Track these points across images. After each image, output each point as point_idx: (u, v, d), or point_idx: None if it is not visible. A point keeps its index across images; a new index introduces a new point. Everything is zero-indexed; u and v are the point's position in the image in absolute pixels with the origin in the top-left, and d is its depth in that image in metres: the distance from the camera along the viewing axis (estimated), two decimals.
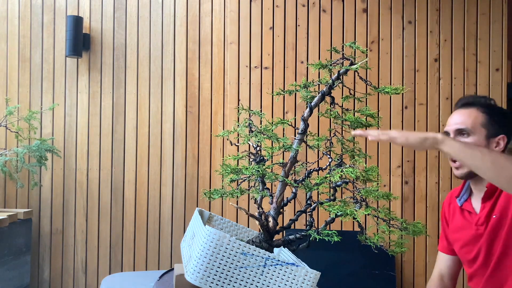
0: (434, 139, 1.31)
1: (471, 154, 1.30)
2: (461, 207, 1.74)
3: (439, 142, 1.31)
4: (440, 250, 1.88)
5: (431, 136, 1.32)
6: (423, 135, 1.32)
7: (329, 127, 1.54)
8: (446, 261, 1.85)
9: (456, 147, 1.32)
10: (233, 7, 3.08)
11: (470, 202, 1.72)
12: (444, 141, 1.31)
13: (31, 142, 3.06)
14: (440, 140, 1.31)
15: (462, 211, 1.74)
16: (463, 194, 1.75)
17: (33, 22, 3.22)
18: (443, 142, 1.31)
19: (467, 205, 1.72)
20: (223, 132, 1.48)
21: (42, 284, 3.17)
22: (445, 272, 1.85)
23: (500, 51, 3.00)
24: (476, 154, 1.30)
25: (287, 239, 1.40)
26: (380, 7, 3.04)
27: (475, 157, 1.30)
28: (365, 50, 1.44)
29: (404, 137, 1.31)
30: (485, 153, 1.31)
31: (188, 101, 3.16)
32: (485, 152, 1.31)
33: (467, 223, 1.70)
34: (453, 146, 1.31)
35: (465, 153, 1.31)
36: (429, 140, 1.31)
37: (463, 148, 1.32)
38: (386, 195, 1.31)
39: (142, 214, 3.16)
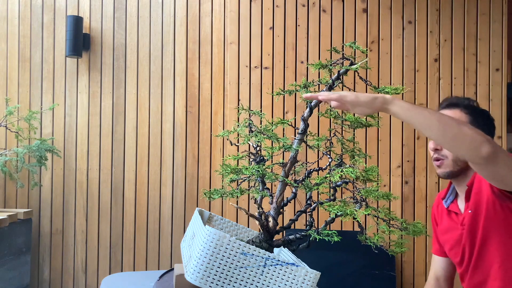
0: (383, 99, 1.29)
1: (419, 113, 1.29)
2: (448, 209, 1.76)
3: (388, 101, 1.29)
4: (434, 253, 1.90)
5: (381, 96, 1.30)
6: (372, 95, 1.30)
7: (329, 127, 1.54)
8: (441, 263, 1.86)
9: (405, 106, 1.30)
10: (233, 7, 3.08)
11: (456, 203, 1.74)
12: (393, 101, 1.29)
13: (31, 142, 3.06)
14: (389, 100, 1.29)
15: (449, 212, 1.75)
16: (449, 196, 1.77)
17: (33, 22, 3.22)
18: (392, 102, 1.29)
19: (453, 206, 1.74)
20: (223, 132, 1.48)
21: (42, 284, 3.17)
22: (440, 274, 1.86)
23: (500, 51, 3.00)
24: (423, 113, 1.29)
25: (287, 239, 1.40)
26: (380, 7, 3.04)
27: (422, 116, 1.29)
28: (365, 50, 1.44)
29: (355, 95, 1.29)
30: (432, 112, 1.30)
31: (188, 101, 3.16)
32: (432, 112, 1.30)
33: (454, 224, 1.72)
34: (401, 106, 1.29)
35: (412, 112, 1.29)
36: (378, 99, 1.29)
37: (410, 107, 1.30)
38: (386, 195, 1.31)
39: (142, 214, 3.16)
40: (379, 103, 1.29)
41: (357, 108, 1.31)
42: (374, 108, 1.30)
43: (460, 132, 1.26)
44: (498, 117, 2.98)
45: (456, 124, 1.28)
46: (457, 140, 1.27)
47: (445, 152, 1.66)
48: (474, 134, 1.26)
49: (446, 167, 1.66)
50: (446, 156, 1.66)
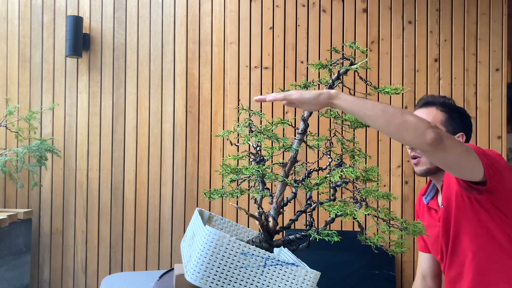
0: (327, 94, 1.30)
1: (363, 106, 1.29)
2: (428, 206, 1.77)
3: (332, 96, 1.29)
4: (420, 250, 1.91)
5: (325, 91, 1.30)
6: (317, 92, 1.30)
7: (329, 127, 1.54)
8: (426, 260, 1.87)
9: (349, 100, 1.30)
10: (233, 7, 3.08)
11: (436, 200, 1.75)
12: (337, 96, 1.30)
13: (31, 142, 3.06)
14: (334, 95, 1.30)
15: (429, 209, 1.76)
16: (429, 193, 1.78)
17: (33, 22, 3.22)
18: (336, 97, 1.30)
19: (433, 203, 1.75)
20: (223, 132, 1.48)
21: (42, 284, 3.17)
22: (426, 272, 1.87)
23: (500, 51, 3.00)
24: (367, 105, 1.29)
25: (287, 239, 1.40)
26: (380, 7, 3.04)
27: (366, 108, 1.29)
28: (365, 50, 1.44)
29: (299, 93, 1.30)
30: (377, 104, 1.31)
31: (188, 101, 3.16)
32: (376, 103, 1.31)
33: (433, 221, 1.73)
34: (345, 100, 1.30)
35: (357, 104, 1.30)
36: (323, 95, 1.29)
37: (355, 100, 1.30)
38: (386, 195, 1.31)
39: (142, 214, 3.16)
40: (324, 99, 1.30)
41: (304, 105, 1.32)
42: (319, 104, 1.31)
43: (404, 121, 1.27)
44: (498, 117, 2.98)
45: (400, 113, 1.29)
46: (401, 128, 1.28)
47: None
48: (417, 121, 1.28)
49: (423, 164, 1.68)
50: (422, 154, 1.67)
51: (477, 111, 2.99)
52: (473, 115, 2.98)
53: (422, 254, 1.89)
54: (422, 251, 1.89)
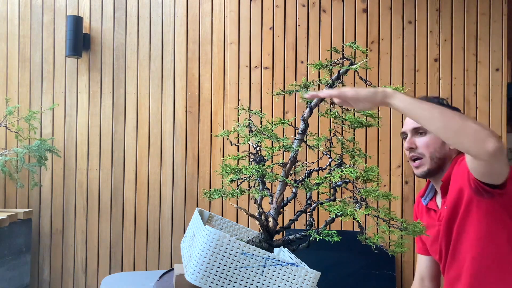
0: (383, 93, 1.27)
1: (420, 106, 1.27)
2: (427, 207, 1.77)
3: (388, 95, 1.27)
4: (418, 252, 1.91)
5: (381, 90, 1.28)
6: (373, 89, 1.28)
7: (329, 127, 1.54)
8: (424, 262, 1.87)
9: (406, 100, 1.28)
10: (233, 7, 3.08)
11: (435, 201, 1.76)
12: (394, 95, 1.27)
13: (31, 142, 3.06)
14: (390, 94, 1.28)
15: (428, 210, 1.77)
16: (428, 194, 1.79)
17: (33, 22, 3.22)
18: (393, 96, 1.27)
19: (432, 203, 1.76)
20: (223, 132, 1.48)
21: (42, 284, 3.17)
22: (425, 274, 1.87)
23: (500, 51, 3.00)
24: (424, 106, 1.27)
25: (287, 239, 1.40)
26: (380, 7, 3.04)
27: (423, 109, 1.27)
28: (365, 50, 1.44)
29: (355, 91, 1.28)
30: (434, 106, 1.28)
31: (188, 101, 3.16)
32: (433, 105, 1.29)
33: (432, 221, 1.73)
34: (403, 100, 1.27)
35: (413, 105, 1.27)
36: (379, 93, 1.27)
37: (412, 101, 1.28)
38: (386, 195, 1.31)
39: (142, 214, 3.16)
40: (380, 97, 1.28)
41: (358, 103, 1.29)
42: (375, 102, 1.29)
43: (464, 126, 1.23)
44: (498, 117, 2.98)
45: (460, 117, 1.26)
46: (460, 133, 1.24)
47: (421, 150, 1.67)
48: (479, 128, 1.23)
49: (424, 166, 1.68)
50: (423, 154, 1.67)
51: (477, 111, 2.99)
52: (473, 115, 2.98)
53: (421, 256, 1.89)
54: (420, 253, 1.90)
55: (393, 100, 1.27)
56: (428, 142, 1.67)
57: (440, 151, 1.67)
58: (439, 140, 1.65)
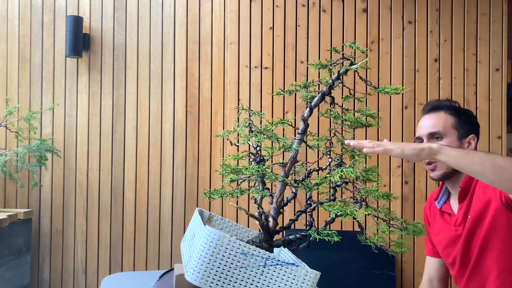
0: (429, 149, 1.30)
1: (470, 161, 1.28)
2: (441, 210, 1.76)
3: (435, 152, 1.30)
4: (427, 254, 1.90)
5: (427, 147, 1.30)
6: (418, 146, 1.31)
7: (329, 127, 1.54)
8: (434, 264, 1.86)
9: (453, 155, 1.29)
10: (233, 7, 3.08)
11: (449, 204, 1.74)
12: (440, 151, 1.30)
13: (31, 142, 3.06)
14: (436, 150, 1.30)
15: (442, 213, 1.75)
16: (442, 196, 1.77)
17: (33, 22, 3.22)
18: (439, 152, 1.30)
19: (446, 207, 1.74)
20: (223, 132, 1.48)
21: (42, 284, 3.17)
22: (434, 275, 1.86)
23: (500, 51, 3.00)
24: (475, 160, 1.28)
25: (287, 239, 1.40)
26: (380, 7, 3.04)
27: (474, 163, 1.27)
28: (365, 50, 1.44)
29: (400, 149, 1.30)
30: (484, 157, 1.28)
31: (188, 101, 3.16)
32: (483, 156, 1.28)
33: (447, 225, 1.72)
34: (449, 155, 1.29)
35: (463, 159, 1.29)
36: (425, 150, 1.30)
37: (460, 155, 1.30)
38: (386, 195, 1.31)
39: (142, 214, 3.16)
40: (426, 155, 1.30)
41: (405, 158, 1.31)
42: (421, 159, 1.32)
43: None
44: (498, 117, 2.98)
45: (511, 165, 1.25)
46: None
47: None
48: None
49: (440, 169, 1.67)
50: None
51: (477, 111, 2.99)
52: None
53: (430, 258, 1.88)
54: (429, 255, 1.88)
55: (440, 156, 1.30)
56: None
57: None
58: (457, 143, 1.66)
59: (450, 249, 1.71)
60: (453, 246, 1.69)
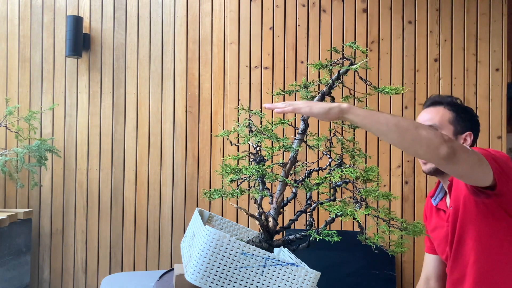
0: (338, 108, 1.26)
1: (376, 121, 1.26)
2: (437, 207, 1.77)
3: (344, 111, 1.26)
4: (426, 251, 1.91)
5: (336, 105, 1.26)
6: (327, 105, 1.27)
7: (329, 127, 1.54)
8: (431, 261, 1.87)
9: (361, 114, 1.26)
10: (233, 7, 3.08)
11: (444, 201, 1.75)
12: (349, 110, 1.26)
13: (31, 142, 3.06)
14: (345, 109, 1.26)
15: (438, 210, 1.76)
16: (438, 194, 1.78)
17: (33, 22, 3.22)
18: (348, 111, 1.26)
19: (442, 204, 1.75)
20: (223, 132, 1.48)
21: (42, 284, 3.17)
22: (431, 273, 1.87)
23: (500, 51, 3.00)
24: (381, 119, 1.26)
25: (287, 239, 1.40)
26: (380, 7, 3.04)
27: (379, 123, 1.26)
28: (365, 50, 1.44)
29: (309, 107, 1.26)
30: (389, 118, 1.27)
31: (188, 101, 3.16)
32: (389, 117, 1.27)
33: (441, 222, 1.73)
34: (357, 114, 1.26)
35: (369, 119, 1.26)
36: (333, 109, 1.26)
37: (367, 115, 1.27)
38: (386, 195, 1.31)
39: (142, 214, 3.16)
40: (334, 113, 1.26)
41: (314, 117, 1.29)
42: (329, 118, 1.27)
43: (417, 136, 1.25)
44: (498, 117, 2.98)
45: (414, 127, 1.26)
46: (415, 143, 1.26)
47: None
48: (431, 136, 1.25)
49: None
50: None
51: (477, 111, 2.99)
52: None
53: (428, 255, 1.88)
54: (428, 253, 1.89)
55: (348, 115, 1.27)
56: None
57: None
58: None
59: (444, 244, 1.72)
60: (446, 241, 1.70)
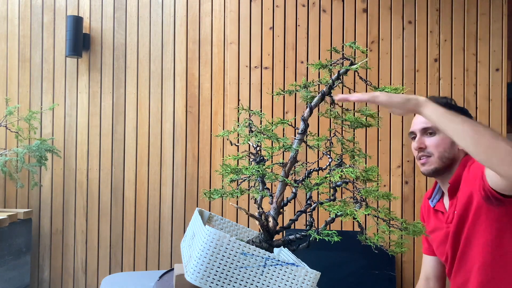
0: (416, 101, 1.27)
1: (452, 120, 1.25)
2: (434, 208, 1.76)
3: (421, 104, 1.27)
4: (424, 252, 1.91)
5: (414, 97, 1.28)
6: (406, 96, 1.27)
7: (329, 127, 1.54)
8: (430, 262, 1.87)
9: (438, 111, 1.26)
10: (233, 7, 3.08)
11: (442, 203, 1.75)
12: (426, 104, 1.27)
13: (31, 142, 3.06)
14: (422, 102, 1.27)
15: (436, 212, 1.76)
16: (435, 195, 1.78)
17: (33, 22, 3.22)
18: (425, 105, 1.27)
19: (440, 205, 1.75)
20: (223, 132, 1.48)
21: (42, 284, 3.17)
22: (430, 274, 1.87)
23: (500, 51, 3.00)
24: (457, 119, 1.25)
25: (287, 239, 1.40)
26: (380, 7, 3.04)
27: (455, 122, 1.25)
28: (365, 50, 1.43)
29: (387, 96, 1.27)
30: (466, 119, 1.26)
31: (188, 101, 3.16)
32: (466, 119, 1.26)
33: (440, 223, 1.73)
34: (435, 110, 1.26)
35: (445, 117, 1.26)
36: (411, 101, 1.27)
37: (444, 113, 1.26)
38: (386, 195, 1.31)
39: (142, 214, 3.16)
40: (412, 105, 1.27)
41: (391, 108, 1.30)
42: (406, 109, 1.28)
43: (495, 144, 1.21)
44: (498, 117, 2.98)
45: (491, 135, 1.23)
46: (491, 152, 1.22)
47: (430, 149, 1.67)
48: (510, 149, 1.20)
49: (431, 164, 1.67)
50: (432, 154, 1.67)
51: (477, 111, 2.99)
52: (473, 115, 2.98)
53: (426, 256, 1.89)
54: (426, 254, 1.89)
55: (425, 109, 1.27)
56: (438, 142, 1.67)
57: (449, 151, 1.67)
58: (449, 140, 1.65)
59: (443, 246, 1.72)
60: (445, 243, 1.70)
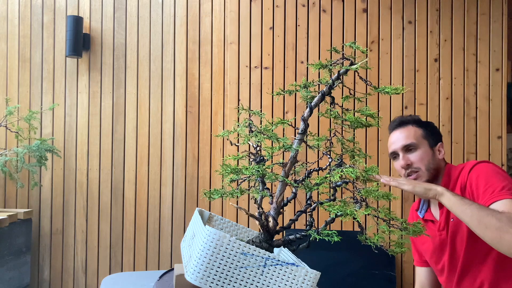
0: (435, 191, 1.49)
1: (462, 211, 1.42)
2: (424, 218, 1.79)
3: (439, 194, 1.49)
4: (416, 265, 1.94)
5: (434, 188, 1.50)
6: (428, 186, 1.51)
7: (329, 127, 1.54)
8: (424, 273, 1.90)
9: (453, 200, 1.45)
10: (233, 7, 3.08)
11: (430, 212, 1.79)
12: (443, 194, 1.47)
13: (31, 142, 3.06)
14: (440, 193, 1.49)
15: (426, 222, 1.79)
16: (422, 206, 1.83)
17: (33, 22, 3.22)
18: (443, 195, 1.48)
19: (428, 215, 1.78)
20: (223, 132, 1.48)
21: (42, 284, 3.17)
22: (425, 284, 1.90)
23: (500, 51, 3.00)
24: (467, 211, 1.40)
25: (287, 239, 1.40)
26: (380, 7, 3.04)
27: (465, 213, 1.41)
28: (365, 50, 1.43)
29: (412, 186, 1.51)
30: (475, 211, 1.39)
31: (188, 101, 3.16)
32: (475, 210, 1.40)
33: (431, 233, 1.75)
34: (450, 199, 1.46)
35: (457, 208, 1.43)
36: (432, 191, 1.50)
37: (457, 203, 1.44)
38: (386, 195, 1.31)
39: (142, 214, 3.15)
40: (431, 195, 1.50)
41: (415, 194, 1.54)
42: (427, 197, 1.52)
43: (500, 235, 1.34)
44: (498, 117, 2.98)
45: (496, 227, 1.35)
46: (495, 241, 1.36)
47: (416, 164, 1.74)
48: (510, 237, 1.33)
49: (422, 177, 1.74)
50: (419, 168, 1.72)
51: (477, 111, 2.99)
52: (473, 115, 2.99)
53: (419, 268, 1.92)
54: (418, 265, 1.92)
55: (442, 198, 1.49)
56: (421, 156, 1.75)
57: (433, 162, 1.76)
58: (430, 152, 1.75)
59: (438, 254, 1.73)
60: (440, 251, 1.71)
